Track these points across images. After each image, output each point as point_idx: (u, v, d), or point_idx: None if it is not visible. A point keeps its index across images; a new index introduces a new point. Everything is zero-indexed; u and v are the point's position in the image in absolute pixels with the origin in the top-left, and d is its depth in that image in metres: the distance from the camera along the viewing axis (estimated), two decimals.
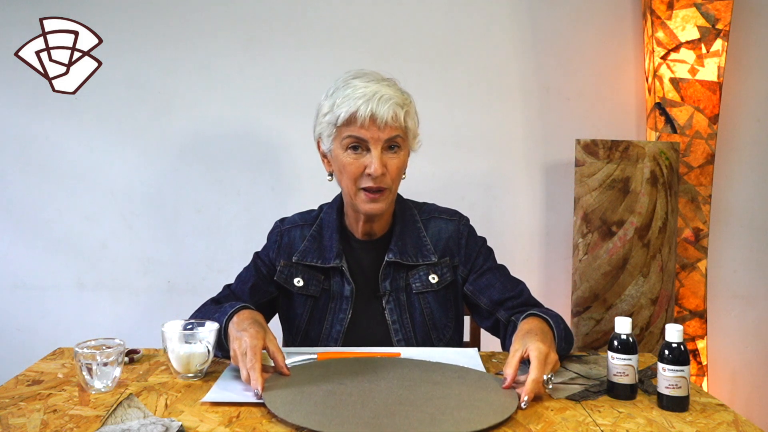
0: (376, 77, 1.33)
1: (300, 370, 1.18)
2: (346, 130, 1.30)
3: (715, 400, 1.11)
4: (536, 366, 1.07)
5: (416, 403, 1.05)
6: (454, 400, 1.07)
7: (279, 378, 1.13)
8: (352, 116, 1.28)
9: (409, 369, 1.20)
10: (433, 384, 1.13)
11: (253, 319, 1.19)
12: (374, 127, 1.28)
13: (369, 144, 1.29)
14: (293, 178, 2.25)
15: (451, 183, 2.25)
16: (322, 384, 1.12)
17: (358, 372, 1.17)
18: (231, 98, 2.24)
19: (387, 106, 1.27)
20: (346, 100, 1.29)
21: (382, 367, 1.20)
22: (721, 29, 2.08)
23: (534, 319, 1.24)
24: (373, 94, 1.28)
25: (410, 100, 1.36)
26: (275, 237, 1.46)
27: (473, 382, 1.14)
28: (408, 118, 1.32)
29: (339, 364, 1.22)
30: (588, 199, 1.94)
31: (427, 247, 1.39)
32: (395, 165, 1.31)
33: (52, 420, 1.01)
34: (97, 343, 1.15)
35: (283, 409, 1.01)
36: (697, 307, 2.15)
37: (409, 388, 1.11)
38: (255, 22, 2.22)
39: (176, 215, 2.27)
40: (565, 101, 2.24)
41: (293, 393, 1.07)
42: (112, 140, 2.24)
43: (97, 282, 2.28)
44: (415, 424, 0.98)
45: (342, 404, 1.04)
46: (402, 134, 1.32)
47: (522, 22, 2.23)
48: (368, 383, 1.12)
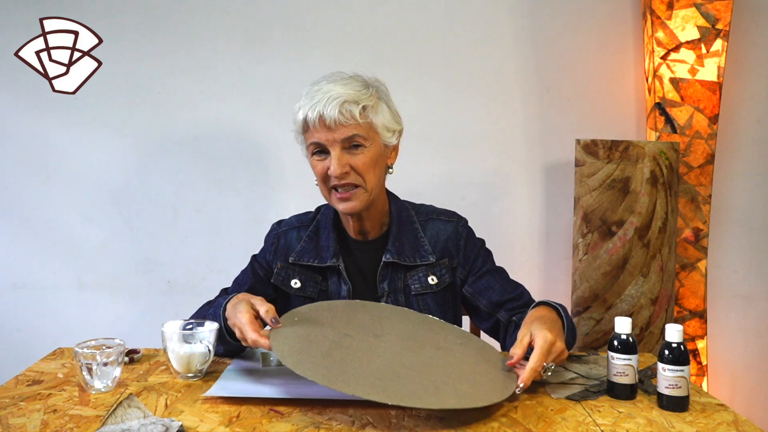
0: (340, 76, 1.32)
1: (307, 313, 1.19)
2: (306, 135, 1.32)
3: (715, 400, 1.11)
4: (537, 354, 1.08)
5: (420, 369, 1.07)
6: (456, 370, 1.10)
7: (286, 323, 1.14)
8: (305, 121, 1.29)
9: (413, 326, 1.22)
10: (436, 348, 1.16)
11: (240, 299, 1.19)
12: (325, 128, 1.27)
13: (327, 146, 1.29)
14: (293, 178, 2.25)
15: (451, 183, 2.25)
16: (329, 332, 1.14)
17: (363, 323, 1.19)
18: (231, 98, 2.24)
19: (333, 105, 1.25)
20: (303, 105, 1.30)
21: (387, 318, 1.23)
22: (721, 29, 2.08)
23: (544, 307, 1.25)
24: (322, 96, 1.27)
25: (372, 94, 1.32)
26: (272, 239, 1.46)
27: (475, 352, 1.17)
28: (370, 113, 1.30)
29: (345, 310, 1.24)
30: (588, 199, 1.94)
31: (424, 248, 1.39)
32: (360, 162, 1.29)
33: (52, 420, 1.01)
34: (97, 343, 1.15)
35: (291, 360, 1.03)
36: (697, 307, 2.15)
37: (413, 351, 1.13)
38: (255, 23, 2.22)
39: (176, 215, 2.27)
40: (565, 101, 2.24)
41: (300, 341, 1.09)
42: (112, 140, 2.24)
43: (97, 282, 2.28)
44: (419, 391, 1.01)
45: (348, 359, 1.06)
46: (362, 131, 1.29)
47: (522, 22, 2.23)
48: (373, 337, 1.15)
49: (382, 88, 1.36)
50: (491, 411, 1.04)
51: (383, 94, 1.35)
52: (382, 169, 1.36)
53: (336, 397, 1.06)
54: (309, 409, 1.04)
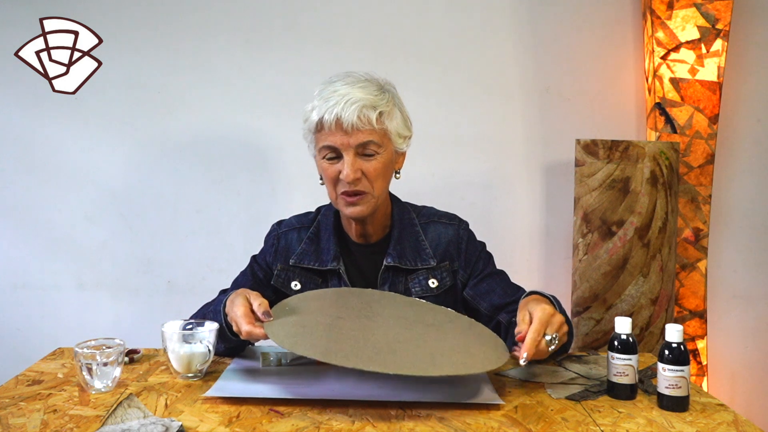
0: (356, 79, 1.30)
1: (296, 303, 1.20)
2: (319, 137, 1.30)
3: (715, 400, 1.11)
4: (536, 323, 1.08)
5: (415, 342, 1.10)
6: (449, 344, 1.12)
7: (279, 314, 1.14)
8: (320, 122, 1.27)
9: (403, 307, 1.25)
10: (427, 325, 1.18)
11: (237, 294, 1.19)
12: (341, 132, 1.26)
13: (341, 150, 1.28)
14: (293, 178, 2.25)
15: (451, 183, 2.25)
16: (321, 317, 1.15)
17: (354, 307, 1.21)
18: (231, 98, 2.24)
19: (352, 110, 1.24)
20: (318, 105, 1.28)
21: (376, 302, 1.25)
22: (721, 29, 2.08)
23: (536, 295, 1.25)
24: (341, 98, 1.25)
25: (389, 100, 1.31)
26: (272, 240, 1.45)
27: (465, 328, 1.21)
28: (385, 119, 1.29)
29: (335, 297, 1.26)
30: (588, 199, 1.94)
31: (426, 251, 1.39)
32: (372, 168, 1.29)
33: (52, 420, 1.01)
34: (97, 343, 1.15)
35: (288, 342, 1.04)
36: (697, 307, 2.15)
37: (405, 327, 1.15)
38: (255, 23, 2.22)
39: (176, 215, 2.27)
40: (565, 101, 2.24)
41: (294, 326, 1.10)
42: (112, 140, 2.24)
43: (97, 282, 2.28)
44: (417, 362, 1.03)
45: (344, 338, 1.07)
46: (377, 138, 1.28)
47: (522, 22, 2.23)
48: (366, 319, 1.16)
49: (396, 93, 1.35)
50: (491, 411, 1.04)
51: (397, 100, 1.34)
52: (391, 175, 1.36)
53: (336, 397, 1.06)
54: (309, 409, 1.04)
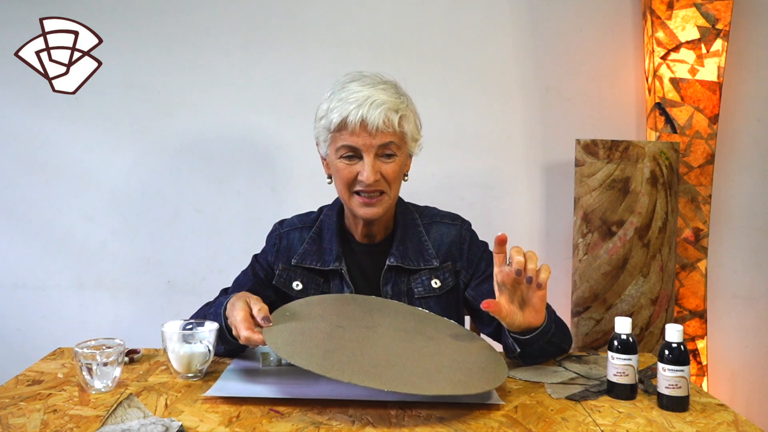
0: (374, 80, 1.31)
1: (297, 309, 1.20)
2: (338, 136, 1.29)
3: (715, 400, 1.11)
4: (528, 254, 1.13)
5: (413, 357, 1.09)
6: (448, 360, 1.11)
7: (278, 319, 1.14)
8: (344, 122, 1.27)
9: (404, 317, 1.24)
10: (427, 338, 1.17)
11: (238, 297, 1.19)
12: (365, 133, 1.26)
13: (361, 151, 1.28)
14: (293, 178, 2.25)
15: (451, 183, 2.25)
16: (321, 324, 1.15)
17: (354, 316, 1.20)
18: (231, 98, 2.24)
19: (378, 112, 1.25)
20: (338, 105, 1.27)
21: (378, 310, 1.24)
22: (721, 29, 2.08)
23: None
24: (365, 99, 1.25)
25: (408, 103, 1.33)
26: (274, 240, 1.45)
27: (466, 343, 1.19)
28: (404, 122, 1.30)
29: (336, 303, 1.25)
30: (588, 199, 1.94)
31: (428, 252, 1.39)
32: (390, 170, 1.30)
33: (52, 420, 1.01)
34: (97, 343, 1.15)
35: (285, 351, 1.03)
36: (697, 307, 2.15)
37: (405, 341, 1.14)
38: (254, 23, 2.22)
39: (176, 215, 2.27)
40: (565, 101, 2.24)
41: (294, 333, 1.10)
42: (112, 140, 2.24)
43: (97, 282, 2.28)
44: (414, 378, 1.02)
45: (341, 349, 1.07)
46: (396, 140, 1.30)
47: (522, 22, 2.23)
48: (366, 329, 1.16)
49: (409, 96, 1.36)
50: (491, 411, 1.04)
51: (411, 103, 1.35)
52: (402, 178, 1.37)
53: (336, 397, 1.06)
54: (309, 409, 1.04)
